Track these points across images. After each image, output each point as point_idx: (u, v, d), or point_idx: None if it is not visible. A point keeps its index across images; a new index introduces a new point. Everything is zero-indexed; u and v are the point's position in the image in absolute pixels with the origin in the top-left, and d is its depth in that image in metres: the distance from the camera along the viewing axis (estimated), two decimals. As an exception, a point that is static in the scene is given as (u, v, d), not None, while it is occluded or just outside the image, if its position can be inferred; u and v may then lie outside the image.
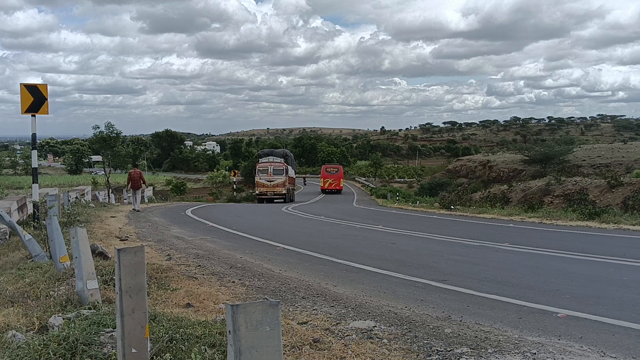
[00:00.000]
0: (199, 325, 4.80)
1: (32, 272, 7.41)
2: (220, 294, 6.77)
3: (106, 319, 4.73)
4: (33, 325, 5.04)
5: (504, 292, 7.21)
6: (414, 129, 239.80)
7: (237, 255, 10.40)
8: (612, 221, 17.21)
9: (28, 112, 12.62)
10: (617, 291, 7.32)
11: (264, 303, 2.44)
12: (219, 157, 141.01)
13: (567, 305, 6.40)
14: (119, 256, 3.60)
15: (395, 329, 5.41)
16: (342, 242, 13.54)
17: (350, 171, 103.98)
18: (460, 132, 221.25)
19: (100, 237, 11.99)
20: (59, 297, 5.88)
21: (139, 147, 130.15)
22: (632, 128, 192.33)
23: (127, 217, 18.74)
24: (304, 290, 7.21)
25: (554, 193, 26.63)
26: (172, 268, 8.33)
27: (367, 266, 9.30)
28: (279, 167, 40.07)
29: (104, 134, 32.21)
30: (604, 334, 5.32)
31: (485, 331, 5.36)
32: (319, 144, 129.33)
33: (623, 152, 59.42)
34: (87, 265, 5.65)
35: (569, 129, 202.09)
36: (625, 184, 23.40)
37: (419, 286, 7.69)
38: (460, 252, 11.46)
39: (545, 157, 54.86)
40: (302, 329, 5.24)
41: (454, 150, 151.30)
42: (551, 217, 19.87)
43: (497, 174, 61.72)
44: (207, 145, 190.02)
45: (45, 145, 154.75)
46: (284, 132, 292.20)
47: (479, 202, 29.69)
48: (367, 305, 6.43)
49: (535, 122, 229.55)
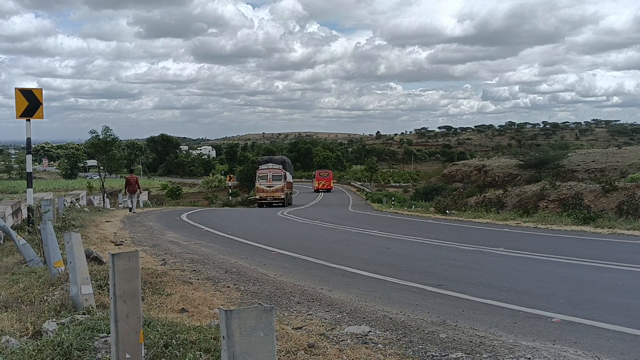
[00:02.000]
0: (193, 331, 4.79)
1: (26, 277, 7.38)
2: (215, 299, 6.76)
3: (100, 324, 4.71)
4: (27, 331, 5.01)
5: (499, 296, 7.22)
6: (410, 134, 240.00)
7: (232, 260, 10.38)
8: (607, 226, 17.23)
9: (23, 116, 12.57)
10: (612, 296, 7.34)
11: (258, 308, 2.44)
12: (214, 162, 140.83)
13: (561, 310, 6.42)
14: (113, 261, 3.59)
15: (390, 334, 5.41)
16: (338, 246, 13.54)
17: (346, 176, 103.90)
18: (456, 137, 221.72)
19: (95, 241, 11.95)
20: (53, 302, 5.85)
21: (134, 151, 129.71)
22: (626, 133, 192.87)
23: (122, 222, 18.68)
24: (299, 295, 7.20)
25: (549, 198, 26.67)
26: (167, 273, 8.31)
27: (363, 271, 9.29)
28: (277, 173, 42.09)
29: (100, 139, 32.09)
30: (598, 339, 5.33)
31: (480, 336, 5.37)
32: (315, 149, 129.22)
33: (618, 157, 59.61)
34: (82, 270, 5.63)
35: (564, 134, 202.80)
36: (620, 188, 23.43)
37: (414, 291, 7.69)
38: (456, 257, 11.48)
39: (540, 161, 54.95)
40: (297, 334, 5.23)
41: (449, 155, 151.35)
42: (546, 221, 19.91)
43: (492, 178, 61.77)
44: (203, 149, 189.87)
45: (40, 150, 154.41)
46: (279, 136, 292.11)
47: (474, 206, 29.70)
48: (362, 310, 6.43)
49: (530, 126, 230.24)
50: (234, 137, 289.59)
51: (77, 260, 5.62)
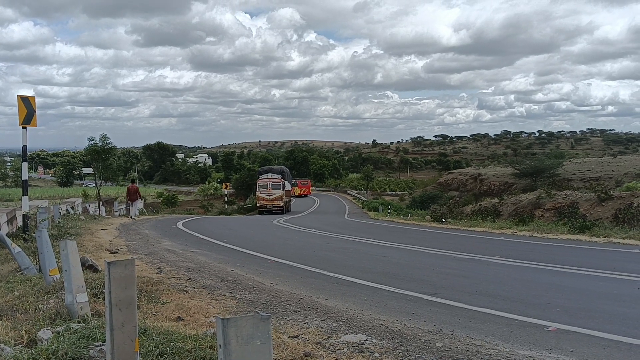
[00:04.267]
0: (189, 339, 4.77)
1: (21, 285, 7.34)
2: (211, 308, 6.74)
3: (96, 333, 4.69)
4: (22, 339, 4.98)
5: (495, 305, 7.22)
6: (406, 142, 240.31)
7: (228, 269, 10.35)
8: (603, 235, 17.28)
9: (24, 124, 12.49)
10: (608, 305, 7.35)
11: (254, 317, 2.44)
12: (210, 170, 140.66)
13: (557, 319, 6.42)
14: (109, 269, 3.59)
15: (387, 342, 5.40)
16: (334, 255, 13.52)
17: (342, 184, 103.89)
18: (452, 146, 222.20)
19: (90, 249, 11.90)
20: (48, 311, 5.82)
21: (130, 159, 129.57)
22: (621, 142, 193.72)
23: (118, 230, 18.62)
24: (295, 304, 7.19)
25: (544, 206, 26.71)
26: (162, 281, 8.28)
27: (359, 279, 9.28)
28: (276, 182, 44.86)
29: (97, 146, 32.05)
30: (594, 348, 5.33)
31: (477, 345, 5.36)
32: (311, 157, 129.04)
33: (613, 166, 59.81)
34: (77, 279, 5.61)
35: (559, 143, 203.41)
36: (615, 197, 23.50)
37: (411, 299, 7.68)
38: (452, 265, 11.48)
39: (536, 170, 55.04)
40: (293, 342, 5.22)
41: (445, 164, 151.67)
42: (542, 230, 19.95)
43: (488, 187, 61.83)
44: (199, 157, 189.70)
45: (36, 157, 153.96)
46: (275, 144, 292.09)
47: (470, 215, 29.73)
48: (358, 318, 6.42)
49: (525, 135, 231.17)
50: (230, 145, 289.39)
51: (72, 268, 5.59)
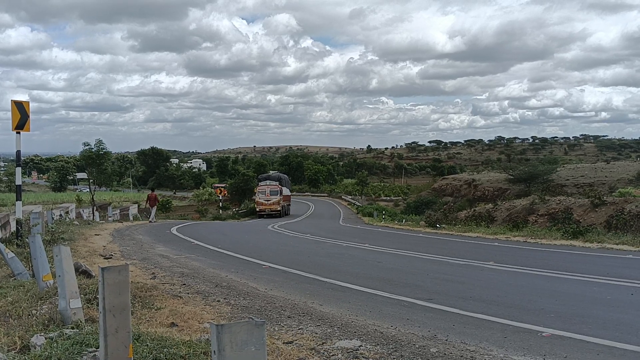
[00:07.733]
0: (183, 345, 4.75)
1: (14, 290, 7.30)
2: (205, 313, 6.72)
3: (89, 339, 4.67)
4: (15, 345, 4.95)
5: (490, 311, 7.23)
6: (400, 148, 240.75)
7: (223, 274, 10.33)
8: (596, 240, 17.34)
9: (17, 129, 12.46)
10: (601, 310, 7.37)
11: (249, 323, 2.44)
12: (205, 175, 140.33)
13: (551, 324, 6.43)
14: (102, 275, 3.58)
15: (381, 348, 5.39)
16: (328, 260, 13.51)
17: (337, 189, 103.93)
18: (446, 151, 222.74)
19: (84, 255, 11.85)
20: (42, 316, 5.79)
21: (124, 164, 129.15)
22: (614, 148, 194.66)
23: (112, 235, 18.56)
24: (289, 310, 7.17)
25: (538, 212, 26.81)
26: (156, 287, 8.25)
27: (353, 285, 9.28)
28: (274, 189, 49.27)
29: (92, 151, 31.99)
30: (588, 353, 5.34)
31: (471, 350, 5.37)
32: (306, 162, 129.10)
33: (606, 172, 60.21)
34: (70, 284, 5.58)
35: (553, 149, 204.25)
36: (609, 203, 23.62)
37: (405, 305, 7.69)
38: (446, 271, 11.49)
39: (530, 176, 55.34)
40: (288, 348, 5.21)
41: (439, 169, 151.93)
42: (536, 236, 20.01)
43: (482, 192, 62.10)
44: (194, 162, 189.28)
45: (30, 162, 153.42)
46: (270, 150, 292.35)
47: (465, 220, 29.82)
48: (352, 324, 6.41)
49: (519, 141, 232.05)
50: (225, 151, 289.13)
51: (66, 273, 5.57)
